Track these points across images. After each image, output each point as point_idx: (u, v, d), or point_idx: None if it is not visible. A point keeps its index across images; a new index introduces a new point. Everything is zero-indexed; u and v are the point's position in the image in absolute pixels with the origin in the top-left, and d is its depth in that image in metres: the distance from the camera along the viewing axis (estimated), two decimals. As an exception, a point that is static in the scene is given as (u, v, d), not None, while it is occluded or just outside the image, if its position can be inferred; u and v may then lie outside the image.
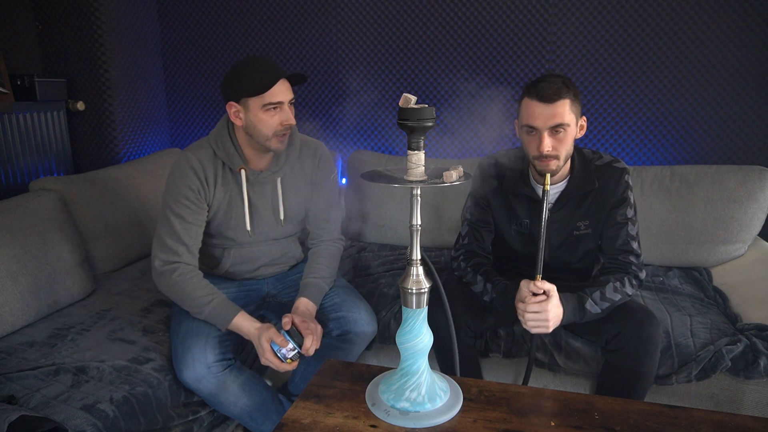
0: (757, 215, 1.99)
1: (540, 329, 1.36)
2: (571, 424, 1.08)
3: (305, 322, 1.44)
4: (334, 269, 1.68)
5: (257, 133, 1.48)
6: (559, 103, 1.37)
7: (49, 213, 1.81)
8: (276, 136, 1.48)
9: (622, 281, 1.46)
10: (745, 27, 2.10)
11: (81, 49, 2.41)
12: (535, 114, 1.38)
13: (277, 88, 1.44)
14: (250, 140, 1.52)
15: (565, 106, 1.37)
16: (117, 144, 2.54)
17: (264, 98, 1.43)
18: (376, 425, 1.08)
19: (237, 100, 1.47)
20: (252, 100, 1.44)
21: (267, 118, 1.45)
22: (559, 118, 1.37)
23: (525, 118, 1.42)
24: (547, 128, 1.38)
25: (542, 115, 1.38)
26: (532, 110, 1.39)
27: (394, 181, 1.04)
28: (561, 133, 1.39)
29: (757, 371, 1.48)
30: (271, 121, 1.46)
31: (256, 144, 1.51)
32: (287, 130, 1.49)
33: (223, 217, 1.58)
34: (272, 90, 1.43)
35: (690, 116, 2.24)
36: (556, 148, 1.40)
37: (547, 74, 1.43)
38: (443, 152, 2.58)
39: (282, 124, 1.47)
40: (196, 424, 1.54)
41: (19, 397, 1.31)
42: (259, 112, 1.45)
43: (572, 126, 1.41)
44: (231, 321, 1.46)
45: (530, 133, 1.42)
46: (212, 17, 2.68)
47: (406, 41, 2.46)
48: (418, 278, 1.08)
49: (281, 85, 1.45)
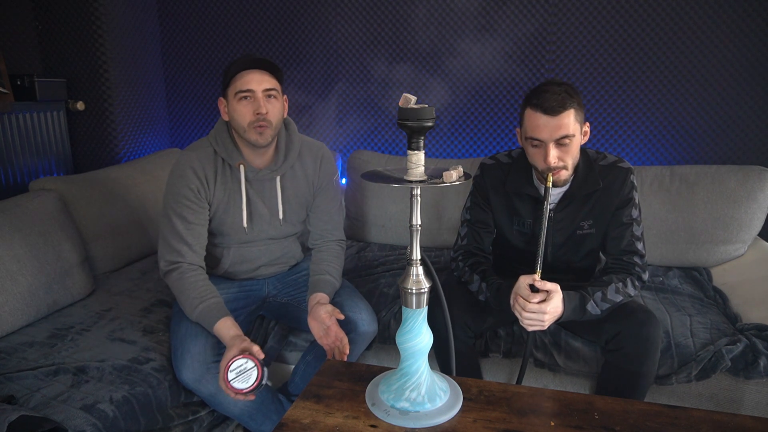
0: (757, 215, 1.99)
1: (536, 327, 1.36)
2: (571, 424, 1.08)
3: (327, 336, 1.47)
4: (340, 269, 1.68)
5: (236, 125, 1.49)
6: (564, 115, 1.34)
7: (49, 213, 1.81)
8: (252, 127, 1.47)
9: (624, 282, 1.46)
10: (745, 27, 2.10)
11: (81, 49, 2.41)
12: (540, 127, 1.35)
13: (248, 76, 1.44)
14: (239, 136, 1.53)
15: (570, 117, 1.35)
16: (117, 144, 2.54)
17: (236, 86, 1.45)
18: (376, 425, 1.08)
19: (224, 96, 1.50)
20: (229, 91, 1.47)
21: (240, 107, 1.46)
22: (565, 130, 1.35)
23: (529, 130, 1.39)
24: (553, 140, 1.36)
25: (547, 127, 1.35)
26: (536, 123, 1.36)
27: (394, 181, 1.04)
28: (567, 144, 1.37)
29: (757, 371, 1.48)
30: (244, 111, 1.46)
31: (244, 140, 1.52)
32: (262, 121, 1.46)
33: (222, 214, 1.58)
34: (242, 76, 1.44)
35: (690, 116, 2.24)
36: (563, 158, 1.39)
37: (549, 82, 1.39)
38: (443, 152, 2.58)
39: (255, 114, 1.46)
40: (196, 424, 1.54)
41: (19, 397, 1.30)
42: (234, 101, 1.47)
43: (577, 135, 1.39)
44: (214, 326, 1.43)
45: (535, 146, 1.40)
46: (212, 17, 2.68)
47: (407, 41, 2.46)
48: (418, 278, 1.08)
49: (253, 73, 1.45)
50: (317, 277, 1.61)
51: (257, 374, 1.27)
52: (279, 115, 1.51)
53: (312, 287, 1.59)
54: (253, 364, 1.28)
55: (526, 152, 1.46)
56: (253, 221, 1.61)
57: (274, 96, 1.49)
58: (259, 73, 1.46)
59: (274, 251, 1.70)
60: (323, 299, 1.54)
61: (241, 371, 1.28)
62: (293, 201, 1.65)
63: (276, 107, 1.49)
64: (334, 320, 1.48)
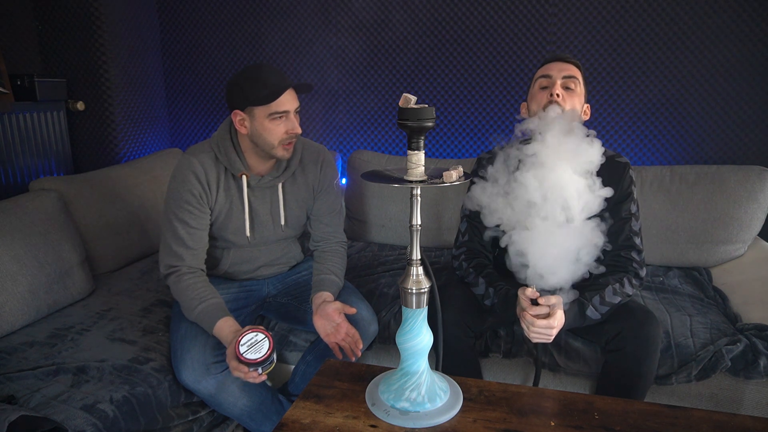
0: (757, 215, 1.99)
1: (543, 340, 1.35)
2: (571, 424, 1.08)
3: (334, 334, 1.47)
4: (344, 269, 1.68)
5: (262, 142, 1.48)
6: (572, 64, 1.51)
7: (49, 213, 1.81)
8: (281, 145, 1.49)
9: (621, 282, 1.45)
10: (745, 27, 2.10)
11: (81, 49, 2.41)
12: (551, 66, 1.50)
13: (283, 97, 1.44)
14: (254, 148, 1.52)
15: (577, 71, 1.50)
16: (117, 144, 2.54)
17: (270, 108, 1.43)
18: (376, 425, 1.08)
19: (242, 109, 1.46)
20: (258, 109, 1.44)
21: (273, 127, 1.46)
22: (573, 71, 1.49)
23: (541, 72, 1.52)
24: (561, 77, 1.48)
25: (556, 66, 1.50)
26: (547, 66, 1.52)
27: (394, 181, 1.04)
28: (572, 88, 1.48)
29: (757, 371, 1.48)
30: (277, 130, 1.46)
31: (261, 152, 1.52)
32: (293, 138, 1.49)
33: (223, 221, 1.58)
34: (279, 99, 1.43)
35: (690, 116, 2.24)
36: (566, 100, 1.46)
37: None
38: (443, 152, 2.58)
39: (287, 133, 1.47)
40: (196, 424, 1.54)
41: (19, 397, 1.30)
42: (265, 121, 1.45)
43: (581, 89, 1.50)
44: (214, 326, 1.43)
45: (543, 87, 1.50)
46: (212, 18, 2.68)
47: (406, 41, 2.46)
48: (418, 278, 1.08)
49: (288, 94, 1.45)
50: (321, 277, 1.60)
51: (269, 345, 1.29)
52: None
53: (316, 287, 1.59)
54: (263, 335, 1.30)
55: (534, 99, 1.51)
56: (255, 229, 1.61)
57: (298, 111, 1.51)
58: (289, 92, 1.46)
59: (274, 252, 1.70)
60: (329, 298, 1.53)
61: (252, 343, 1.30)
62: (294, 206, 1.65)
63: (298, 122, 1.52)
64: (344, 317, 1.48)
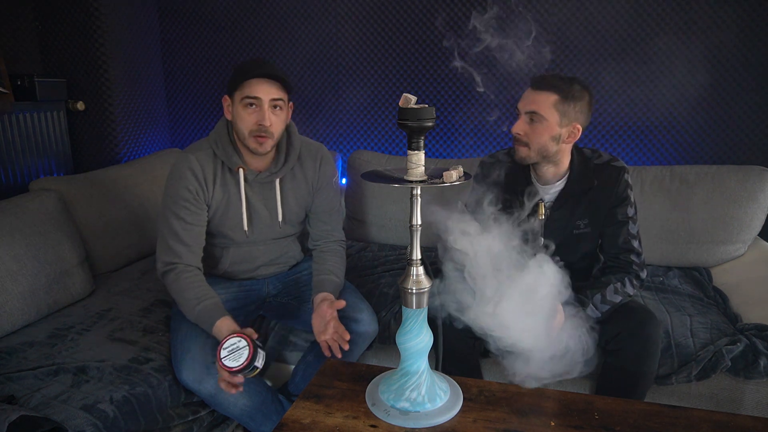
0: (757, 215, 1.99)
1: None
2: (571, 424, 1.08)
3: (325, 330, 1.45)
4: (343, 269, 1.68)
5: (238, 130, 1.49)
6: (542, 93, 1.40)
7: (49, 213, 1.81)
8: (252, 136, 1.47)
9: (622, 282, 1.46)
10: (745, 27, 2.10)
11: (81, 49, 2.41)
12: (522, 97, 1.46)
13: (256, 83, 1.43)
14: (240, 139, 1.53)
15: (548, 99, 1.39)
16: (117, 144, 2.53)
17: (243, 91, 1.44)
18: (376, 425, 1.08)
19: (230, 94, 1.49)
20: (235, 93, 1.46)
21: (245, 115, 1.46)
22: (535, 106, 1.40)
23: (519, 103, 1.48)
24: (524, 112, 1.42)
25: (525, 98, 1.44)
26: (523, 94, 1.46)
27: (394, 181, 1.04)
28: (535, 122, 1.42)
29: (757, 371, 1.48)
30: (248, 119, 1.46)
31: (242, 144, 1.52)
32: (263, 132, 1.46)
33: (221, 216, 1.58)
34: (250, 84, 1.43)
35: (690, 116, 2.24)
36: (528, 135, 1.43)
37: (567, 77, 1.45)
38: (443, 152, 2.58)
39: (257, 124, 1.45)
40: (196, 424, 1.54)
41: (19, 397, 1.31)
42: (239, 106, 1.46)
43: (550, 122, 1.41)
44: (213, 325, 1.43)
45: (517, 116, 1.48)
46: (212, 17, 2.67)
47: (406, 41, 2.46)
48: (418, 278, 1.08)
49: (263, 83, 1.44)
50: (321, 277, 1.60)
51: (248, 353, 1.27)
52: (282, 126, 1.51)
53: (317, 287, 1.58)
54: (245, 343, 1.28)
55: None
56: (253, 224, 1.61)
57: (280, 107, 1.48)
58: (268, 82, 1.44)
59: (273, 251, 1.70)
60: (328, 297, 1.54)
61: (233, 350, 1.28)
62: (293, 203, 1.65)
63: (280, 118, 1.49)
64: (335, 313, 1.47)
